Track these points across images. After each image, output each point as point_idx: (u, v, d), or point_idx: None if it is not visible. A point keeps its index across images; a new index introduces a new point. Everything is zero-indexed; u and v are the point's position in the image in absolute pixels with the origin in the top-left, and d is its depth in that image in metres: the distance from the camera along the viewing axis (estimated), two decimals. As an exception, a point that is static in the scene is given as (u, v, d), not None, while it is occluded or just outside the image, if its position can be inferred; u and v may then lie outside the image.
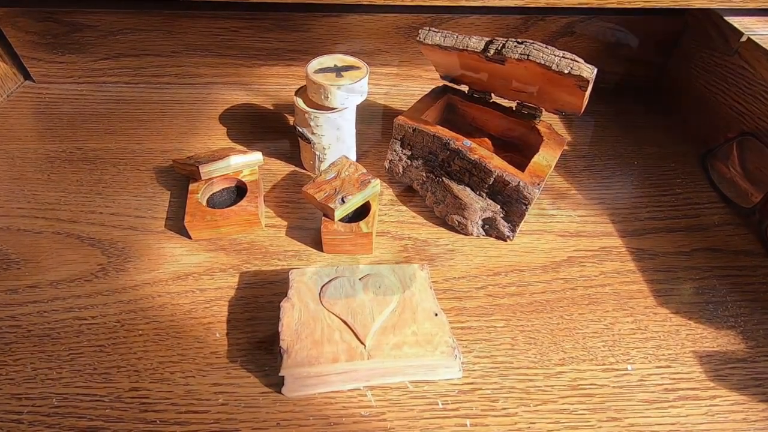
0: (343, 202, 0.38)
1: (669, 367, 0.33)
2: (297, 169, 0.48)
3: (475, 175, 0.40)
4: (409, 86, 0.61)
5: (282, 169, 0.48)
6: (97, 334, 0.33)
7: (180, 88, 0.59)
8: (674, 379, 0.32)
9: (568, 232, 0.43)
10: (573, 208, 0.46)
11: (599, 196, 0.47)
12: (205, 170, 0.40)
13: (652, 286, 0.39)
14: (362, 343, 0.29)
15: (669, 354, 0.34)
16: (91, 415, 0.29)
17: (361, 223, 0.39)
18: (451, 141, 0.41)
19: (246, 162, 0.42)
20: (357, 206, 0.39)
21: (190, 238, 0.40)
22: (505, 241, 0.42)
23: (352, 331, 0.29)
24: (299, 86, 0.45)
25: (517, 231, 0.41)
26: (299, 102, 0.43)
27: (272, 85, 0.60)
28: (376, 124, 0.45)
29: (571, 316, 0.36)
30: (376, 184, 0.40)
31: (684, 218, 0.45)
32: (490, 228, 0.41)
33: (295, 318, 0.30)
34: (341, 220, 0.39)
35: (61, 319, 0.34)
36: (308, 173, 0.48)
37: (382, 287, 0.32)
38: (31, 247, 0.39)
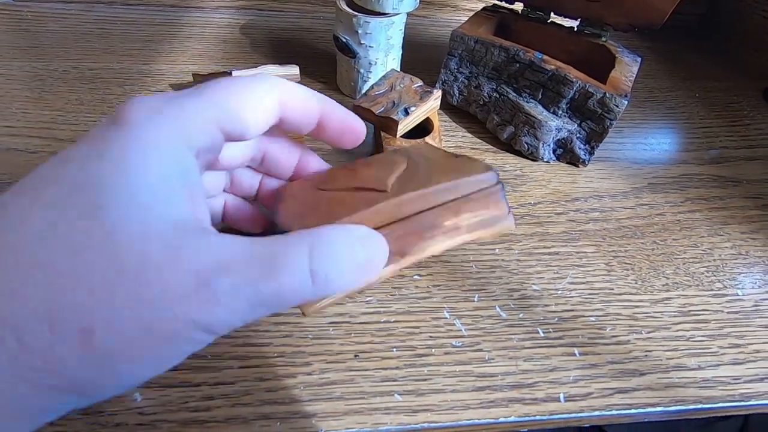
0: (407, 113, 0.33)
1: (782, 291, 0.30)
2: (333, 93, 0.42)
3: (550, 89, 0.35)
4: (443, 17, 0.55)
5: (316, 93, 0.42)
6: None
7: (186, 11, 0.51)
8: (791, 303, 0.29)
9: (642, 159, 0.39)
10: (642, 136, 0.42)
11: (667, 125, 0.43)
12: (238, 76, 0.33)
13: (744, 212, 0.35)
14: (383, 190, 0.21)
15: (779, 278, 0.30)
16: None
17: (427, 139, 0.33)
18: (522, 52, 0.36)
19: (282, 73, 0.36)
20: (420, 120, 0.34)
21: (220, 159, 0.34)
22: (578, 166, 0.37)
23: (365, 189, 0.22)
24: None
25: (594, 154, 0.36)
26: (343, 4, 0.37)
27: (291, 12, 0.53)
28: (406, 55, 0.41)
29: (665, 242, 0.32)
30: (439, 96, 0.35)
31: (759, 147, 0.42)
32: (563, 152, 0.37)
33: (291, 204, 0.23)
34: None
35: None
36: (348, 98, 0.42)
37: (386, 152, 0.25)
38: (25, 167, 0.32)
